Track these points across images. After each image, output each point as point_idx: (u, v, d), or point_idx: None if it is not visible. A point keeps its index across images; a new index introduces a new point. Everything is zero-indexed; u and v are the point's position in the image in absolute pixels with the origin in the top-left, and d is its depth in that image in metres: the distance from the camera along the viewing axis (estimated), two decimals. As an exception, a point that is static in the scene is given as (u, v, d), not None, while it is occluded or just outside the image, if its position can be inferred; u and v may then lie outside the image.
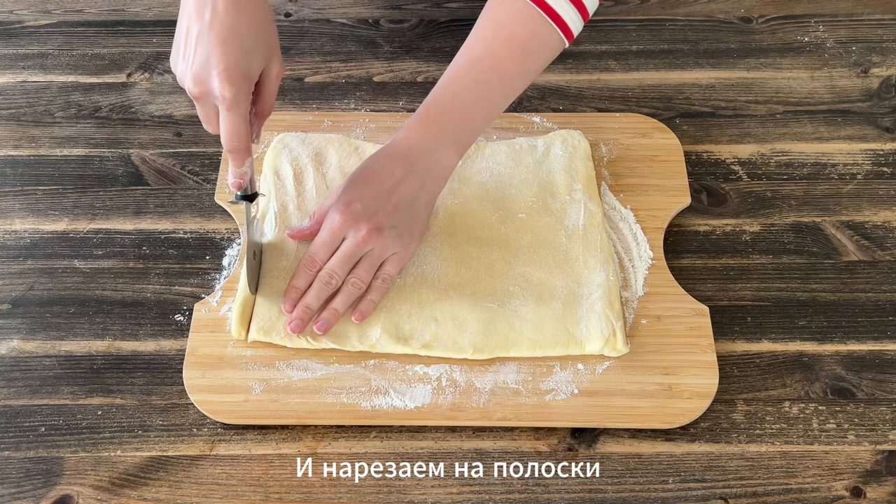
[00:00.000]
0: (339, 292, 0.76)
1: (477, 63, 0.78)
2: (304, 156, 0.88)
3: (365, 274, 0.76)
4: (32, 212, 0.88)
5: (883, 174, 0.91)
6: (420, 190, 0.77)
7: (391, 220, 0.76)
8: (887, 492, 0.71)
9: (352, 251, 0.76)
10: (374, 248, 0.76)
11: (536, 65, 0.81)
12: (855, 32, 1.05)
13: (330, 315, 0.76)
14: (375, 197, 0.76)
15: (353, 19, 1.07)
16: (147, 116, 0.96)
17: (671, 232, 0.86)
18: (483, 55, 0.78)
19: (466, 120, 0.78)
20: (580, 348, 0.76)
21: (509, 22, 0.78)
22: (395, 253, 0.77)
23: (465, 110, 0.78)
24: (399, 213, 0.76)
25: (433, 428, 0.74)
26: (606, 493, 0.71)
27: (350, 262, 0.76)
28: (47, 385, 0.77)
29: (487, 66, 0.78)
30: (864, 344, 0.79)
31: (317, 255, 0.76)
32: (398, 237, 0.76)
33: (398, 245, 0.77)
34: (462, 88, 0.78)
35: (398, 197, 0.76)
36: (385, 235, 0.76)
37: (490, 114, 0.81)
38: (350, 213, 0.75)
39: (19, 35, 1.04)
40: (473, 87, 0.78)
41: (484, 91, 0.78)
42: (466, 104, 0.78)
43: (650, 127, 0.93)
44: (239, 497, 0.71)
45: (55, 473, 0.72)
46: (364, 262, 0.76)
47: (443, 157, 0.78)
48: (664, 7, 1.08)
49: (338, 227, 0.76)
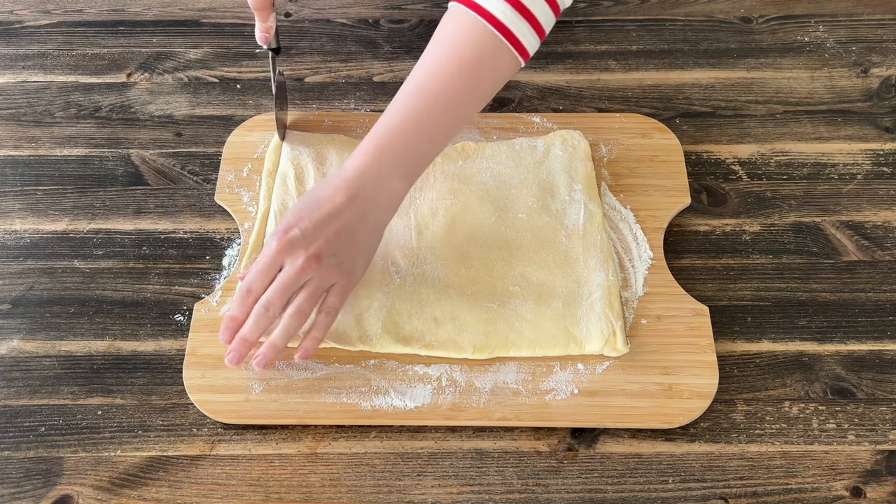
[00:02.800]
0: (279, 324, 0.72)
1: (425, 85, 0.74)
2: (305, 155, 0.88)
3: (305, 304, 0.72)
4: (32, 212, 0.88)
5: (883, 174, 0.91)
6: (363, 218, 0.73)
7: (331, 249, 0.72)
8: (887, 492, 0.71)
9: (289, 280, 0.71)
10: (314, 278, 0.72)
11: (489, 86, 0.77)
12: (855, 32, 1.05)
13: (268, 349, 0.72)
14: (316, 224, 0.71)
15: (353, 19, 1.07)
16: (147, 116, 0.96)
17: (671, 232, 0.86)
18: (431, 77, 0.74)
19: (415, 145, 0.74)
20: (580, 348, 0.76)
21: (457, 42, 0.74)
22: (337, 283, 0.73)
23: (413, 135, 0.74)
24: (340, 241, 0.72)
25: (433, 428, 0.74)
26: (606, 493, 0.71)
27: (287, 292, 0.71)
28: (47, 385, 0.77)
29: (436, 88, 0.74)
30: (864, 344, 0.79)
31: (252, 284, 0.72)
32: (338, 266, 0.72)
33: (339, 275, 0.73)
34: (410, 112, 0.74)
35: (340, 224, 0.72)
36: (325, 264, 0.71)
37: (440, 139, 0.76)
38: (287, 240, 0.71)
39: (19, 35, 1.04)
40: (422, 112, 0.74)
41: (432, 115, 0.74)
42: (414, 129, 0.74)
43: (650, 127, 0.93)
44: (239, 497, 0.71)
45: (55, 473, 0.72)
46: (303, 293, 0.72)
47: (389, 184, 0.74)
48: (664, 7, 1.08)
49: (274, 254, 0.71)
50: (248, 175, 0.89)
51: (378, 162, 0.73)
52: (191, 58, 1.02)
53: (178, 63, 1.01)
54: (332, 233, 0.72)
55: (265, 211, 0.85)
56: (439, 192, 0.85)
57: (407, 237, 0.82)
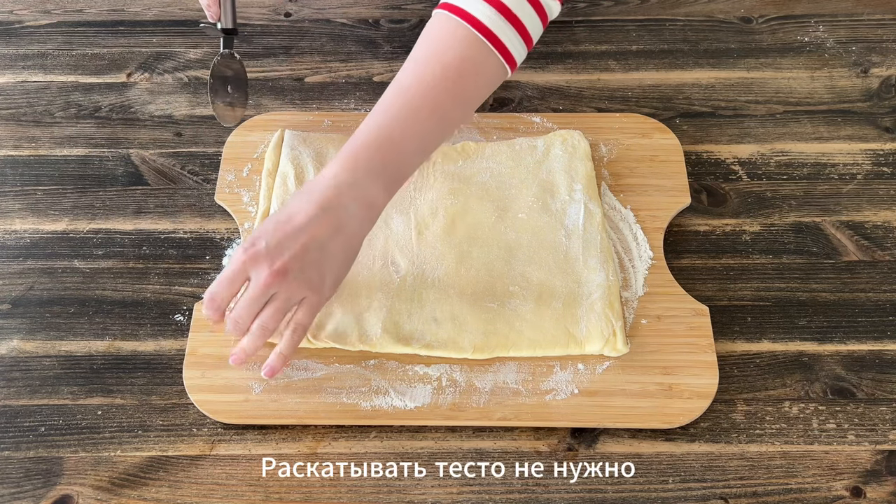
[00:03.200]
0: (247, 336, 0.71)
1: (406, 91, 0.72)
2: (305, 155, 0.88)
3: (270, 320, 0.69)
4: (32, 212, 0.88)
5: (883, 174, 0.91)
6: (336, 231, 0.70)
7: (297, 264, 0.68)
8: (887, 492, 0.71)
9: (254, 295, 0.69)
10: (280, 293, 0.69)
11: (475, 93, 0.75)
12: (855, 32, 1.05)
13: (239, 353, 0.71)
14: (281, 239, 0.69)
15: (353, 19, 1.07)
16: (147, 116, 0.96)
17: (671, 232, 0.86)
18: (413, 83, 0.72)
19: (396, 154, 0.71)
20: (580, 348, 0.76)
21: (442, 46, 0.73)
22: (305, 298, 0.70)
23: (393, 143, 0.71)
24: (309, 256, 0.69)
25: (433, 428, 0.74)
26: (606, 493, 0.71)
27: (255, 305, 0.69)
28: (47, 385, 0.77)
29: (418, 94, 0.72)
30: (864, 344, 0.79)
31: (216, 294, 0.70)
32: (306, 281, 0.69)
33: (306, 290, 0.70)
34: (390, 119, 0.71)
35: (307, 238, 0.69)
36: (290, 279, 0.68)
37: (423, 147, 0.74)
38: (252, 253, 0.68)
39: (19, 35, 1.04)
40: (402, 118, 0.71)
41: (414, 122, 0.72)
42: (395, 136, 0.71)
43: (650, 127, 0.93)
44: (239, 497, 0.71)
45: (55, 473, 0.72)
46: (269, 308, 0.69)
47: (367, 194, 0.71)
48: (664, 7, 1.08)
49: (238, 267, 0.69)
50: (248, 175, 0.89)
51: (355, 169, 0.70)
52: (191, 58, 1.02)
53: (178, 63, 1.01)
54: (299, 247, 0.69)
55: (265, 211, 0.85)
56: (439, 192, 0.85)
57: (407, 237, 0.82)
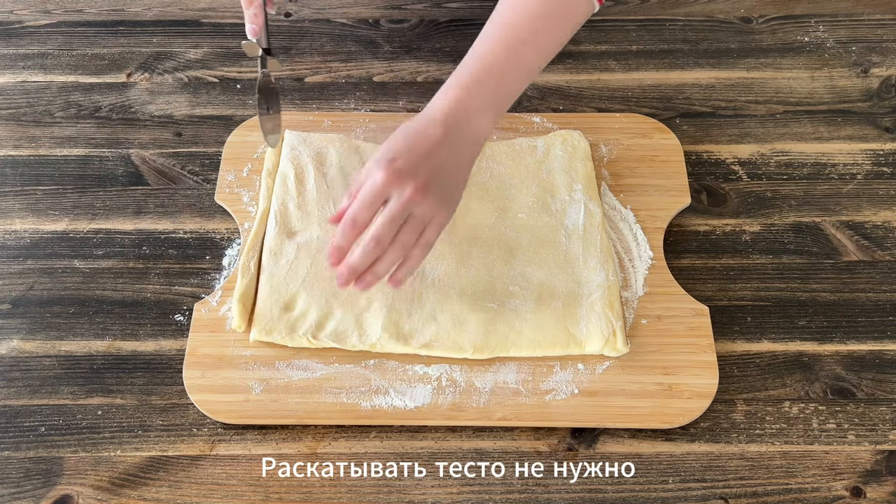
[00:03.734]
0: (383, 257, 0.72)
1: (509, 27, 0.77)
2: (305, 155, 0.88)
3: (409, 238, 0.72)
4: (32, 212, 0.88)
5: (883, 174, 0.91)
6: (457, 154, 0.74)
7: (435, 181, 0.72)
8: (887, 492, 0.71)
9: (398, 212, 0.71)
10: (417, 211, 0.71)
11: (568, 29, 0.81)
12: (855, 32, 1.05)
13: (372, 278, 0.72)
14: (419, 157, 0.71)
15: (353, 19, 1.07)
16: (147, 116, 0.96)
17: (671, 232, 0.86)
18: (514, 20, 0.78)
19: (500, 85, 0.77)
20: (580, 348, 0.76)
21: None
22: (435, 218, 0.73)
23: (499, 75, 0.76)
24: (439, 176, 0.72)
25: (433, 428, 0.74)
26: (606, 493, 0.71)
27: (396, 224, 0.71)
28: (47, 385, 0.77)
29: (519, 29, 0.77)
30: (864, 344, 0.79)
31: (358, 217, 0.71)
32: (440, 200, 0.73)
33: (439, 208, 0.73)
34: (495, 53, 0.77)
35: (437, 159, 0.72)
36: (430, 196, 0.71)
37: (524, 78, 0.79)
38: (394, 171, 0.70)
39: (19, 35, 1.04)
40: (506, 53, 0.77)
41: (517, 56, 0.77)
42: (500, 69, 0.76)
43: (650, 127, 0.93)
44: (239, 497, 0.71)
45: (55, 473, 0.72)
46: (408, 226, 0.72)
47: (478, 123, 0.75)
48: (664, 7, 1.08)
49: (380, 185, 0.70)
50: (248, 175, 0.89)
51: (467, 100, 0.75)
52: (191, 58, 1.02)
53: (178, 63, 1.01)
54: (433, 166, 0.72)
55: (265, 210, 0.85)
56: (439, 192, 0.85)
57: (407, 237, 0.82)
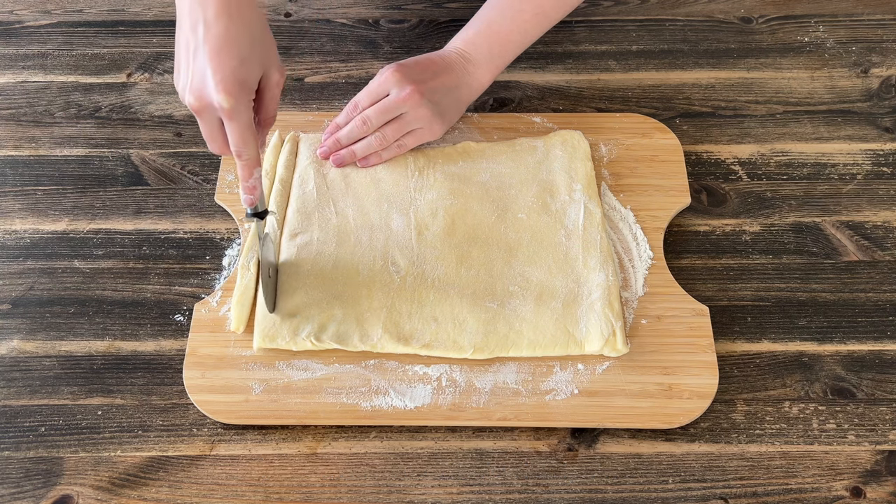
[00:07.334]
0: (364, 140, 0.85)
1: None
2: (305, 156, 0.88)
3: (391, 132, 0.84)
4: (32, 212, 0.88)
5: (883, 174, 0.91)
6: (457, 88, 0.86)
7: (432, 93, 0.84)
8: (887, 492, 0.71)
9: (390, 105, 0.83)
10: (408, 112, 0.83)
11: (566, 5, 0.89)
12: (855, 32, 1.05)
13: (347, 154, 0.85)
14: (425, 71, 0.85)
15: (353, 19, 1.07)
16: (147, 116, 0.96)
17: (671, 232, 0.86)
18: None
19: (501, 44, 0.87)
20: (580, 348, 0.76)
21: None
22: (422, 128, 0.85)
23: (500, 35, 0.87)
24: (439, 94, 0.85)
25: (433, 428, 0.74)
26: (606, 493, 0.71)
27: (386, 115, 0.83)
28: (47, 385, 0.77)
29: (520, 1, 0.87)
30: (864, 344, 0.79)
31: (360, 101, 0.85)
32: (430, 111, 0.84)
33: (428, 119, 0.84)
34: (499, 15, 0.87)
35: (440, 81, 0.85)
36: (423, 104, 0.83)
37: (523, 41, 0.89)
38: (401, 72, 0.83)
39: (19, 35, 1.04)
40: (509, 15, 0.87)
41: (519, 20, 0.87)
42: (502, 29, 0.87)
43: (650, 127, 0.93)
44: (239, 497, 0.71)
45: (55, 473, 0.72)
46: (395, 123, 0.84)
47: (477, 72, 0.87)
48: (664, 7, 1.08)
49: (385, 80, 0.83)
50: (248, 175, 0.89)
51: (473, 51, 0.87)
52: (191, 58, 1.02)
53: (178, 63, 1.01)
54: (436, 83, 0.85)
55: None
56: (439, 193, 0.85)
57: (407, 237, 0.82)
